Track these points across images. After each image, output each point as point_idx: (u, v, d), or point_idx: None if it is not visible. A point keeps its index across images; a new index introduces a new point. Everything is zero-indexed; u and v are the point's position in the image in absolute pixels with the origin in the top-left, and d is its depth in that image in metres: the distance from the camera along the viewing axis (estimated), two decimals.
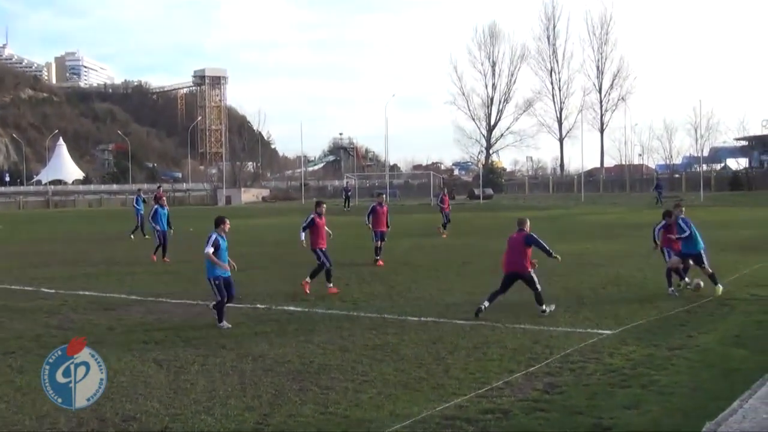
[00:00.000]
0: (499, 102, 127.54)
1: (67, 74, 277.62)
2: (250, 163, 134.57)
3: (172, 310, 16.38)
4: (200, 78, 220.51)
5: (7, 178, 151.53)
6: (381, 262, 23.61)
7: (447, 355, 11.75)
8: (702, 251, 17.10)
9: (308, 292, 17.85)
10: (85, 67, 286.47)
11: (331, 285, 18.20)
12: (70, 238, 38.94)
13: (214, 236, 14.51)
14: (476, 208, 68.37)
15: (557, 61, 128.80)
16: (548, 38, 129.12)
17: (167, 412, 9.14)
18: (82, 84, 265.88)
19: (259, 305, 16.62)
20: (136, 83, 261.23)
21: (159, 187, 45.31)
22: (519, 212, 50.89)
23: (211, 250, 14.33)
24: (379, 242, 24.57)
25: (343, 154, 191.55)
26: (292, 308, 16.18)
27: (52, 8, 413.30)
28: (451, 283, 19.54)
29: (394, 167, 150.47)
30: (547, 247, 15.27)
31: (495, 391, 9.68)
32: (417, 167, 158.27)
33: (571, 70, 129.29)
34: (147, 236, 34.98)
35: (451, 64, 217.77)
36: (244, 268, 23.63)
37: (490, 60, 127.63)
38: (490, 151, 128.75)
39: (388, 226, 25.01)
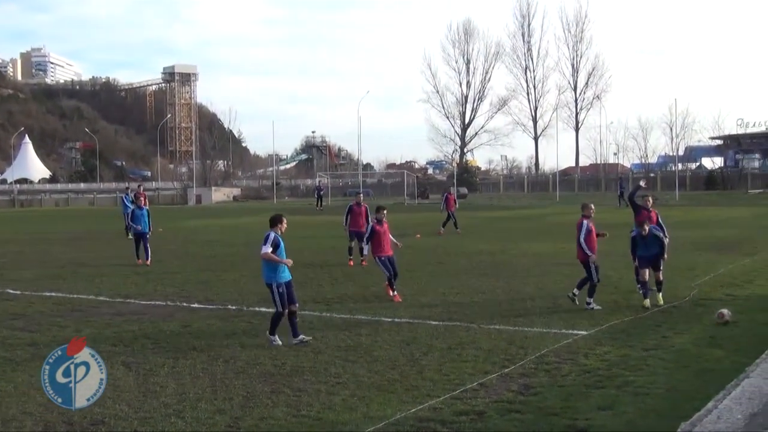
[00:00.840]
0: (474, 100, 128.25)
1: (33, 70, 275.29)
2: (221, 161, 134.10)
3: (142, 312, 16.27)
4: (170, 75, 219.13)
5: None
6: (365, 262, 23.40)
7: (421, 357, 11.77)
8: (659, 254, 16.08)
9: (400, 300, 17.05)
10: (52, 63, 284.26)
11: (395, 293, 17.31)
12: (37, 238, 38.60)
13: (272, 235, 13.16)
14: None
15: (532, 59, 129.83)
16: (523, 36, 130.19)
17: (136, 415, 9.09)
18: (48, 80, 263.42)
19: (230, 306, 16.57)
20: (104, 80, 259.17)
21: (139, 186, 44.66)
22: (494, 212, 51.12)
23: (269, 249, 12.97)
24: (353, 243, 24.41)
25: (315, 153, 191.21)
26: (263, 309, 16.11)
27: (18, 3, 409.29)
28: (425, 283, 19.56)
29: (367, 166, 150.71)
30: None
31: (469, 393, 9.71)
32: (390, 166, 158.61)
33: (546, 68, 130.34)
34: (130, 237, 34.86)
35: (425, 61, 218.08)
36: (214, 268, 23.63)
37: (465, 58, 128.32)
38: (465, 150, 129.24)
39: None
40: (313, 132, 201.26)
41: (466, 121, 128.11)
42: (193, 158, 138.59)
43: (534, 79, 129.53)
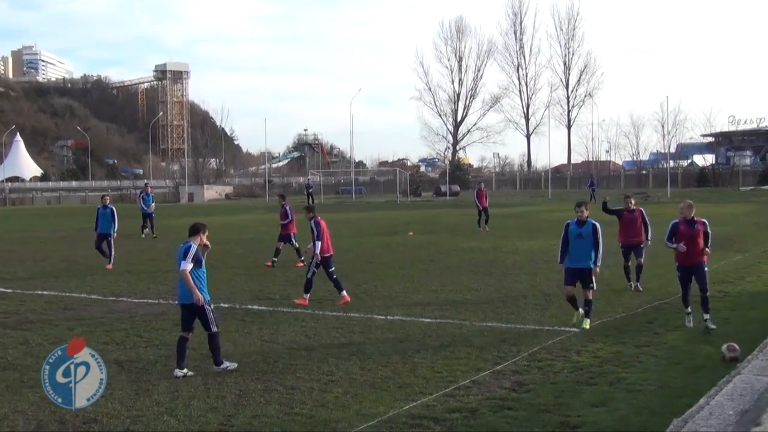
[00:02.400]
0: (466, 98, 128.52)
1: (25, 68, 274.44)
2: (213, 159, 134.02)
3: (134, 310, 16.25)
4: (161, 73, 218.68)
5: None
6: (300, 264, 22.67)
7: (413, 354, 11.78)
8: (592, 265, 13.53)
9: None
10: (43, 61, 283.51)
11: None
12: (28, 237, 38.48)
13: (193, 248, 11.07)
14: (443, 205, 68.50)
15: (524, 57, 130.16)
16: (515, 33, 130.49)
17: (129, 413, 9.07)
18: (40, 78, 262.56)
19: (222, 304, 16.51)
20: (95, 78, 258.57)
21: (146, 185, 44.13)
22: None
23: (189, 266, 10.88)
24: (282, 244, 23.94)
25: (308, 151, 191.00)
26: (256, 307, 16.13)
27: (8, 1, 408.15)
28: (418, 281, 19.57)
29: (359, 164, 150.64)
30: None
31: (462, 390, 9.72)
32: (383, 164, 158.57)
33: (538, 66, 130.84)
34: (155, 235, 35.01)
35: (417, 59, 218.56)
36: (206, 266, 23.57)
37: (457, 55, 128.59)
38: (457, 148, 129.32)
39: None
40: (305, 130, 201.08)
41: (459, 118, 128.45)
42: (185, 156, 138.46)
43: (526, 76, 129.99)
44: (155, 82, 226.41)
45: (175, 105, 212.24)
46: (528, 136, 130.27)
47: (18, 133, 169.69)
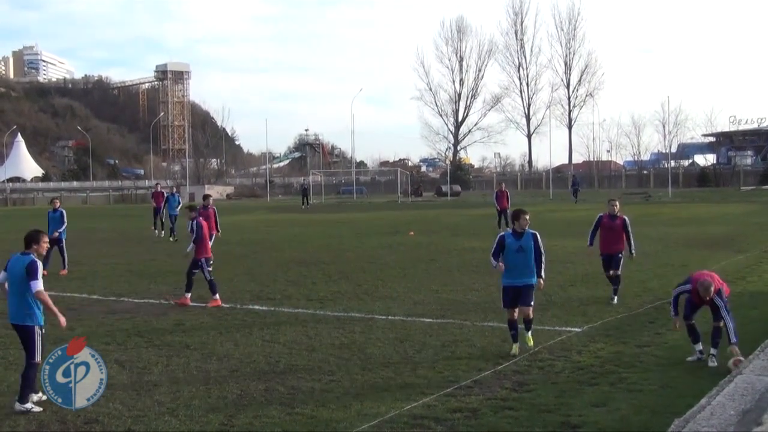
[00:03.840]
0: (467, 98, 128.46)
1: (25, 68, 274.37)
2: (214, 159, 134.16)
3: (135, 310, 16.25)
4: (162, 73, 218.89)
5: None
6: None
7: (415, 354, 11.78)
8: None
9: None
10: (44, 61, 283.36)
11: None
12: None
13: (37, 264, 9.68)
14: (444, 205, 68.53)
15: (525, 57, 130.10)
16: (516, 33, 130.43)
17: (130, 413, 9.07)
18: (40, 79, 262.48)
19: (223, 305, 16.54)
20: (96, 78, 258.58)
21: (157, 185, 43.29)
22: (487, 209, 51.10)
23: (41, 285, 9.56)
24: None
25: (309, 151, 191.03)
26: (257, 308, 16.13)
27: (8, 1, 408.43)
28: (419, 281, 19.56)
29: (360, 164, 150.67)
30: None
31: (463, 390, 9.72)
32: (384, 164, 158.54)
33: (539, 66, 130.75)
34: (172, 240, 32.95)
35: (417, 59, 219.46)
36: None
37: (458, 55, 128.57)
38: (458, 148, 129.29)
39: (218, 230, 23.26)
40: (306, 130, 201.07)
41: (460, 118, 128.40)
42: (186, 156, 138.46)
43: (527, 76, 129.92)
44: (156, 83, 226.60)
45: (176, 105, 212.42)
46: (529, 136, 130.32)
47: (19, 134, 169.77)
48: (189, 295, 16.84)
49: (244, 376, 10.69)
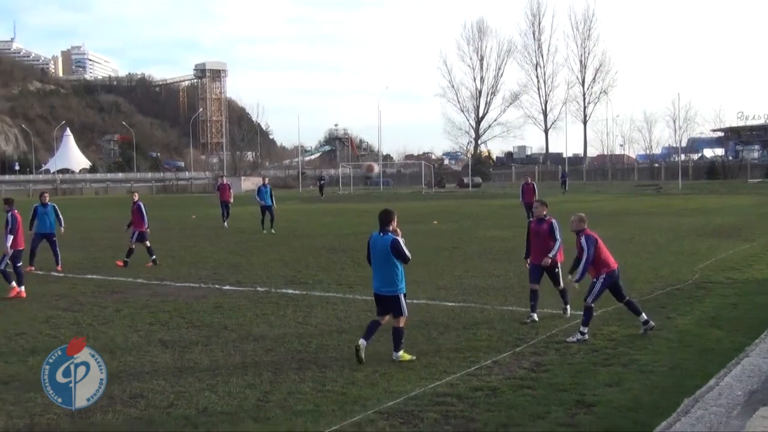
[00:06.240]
0: (487, 95, 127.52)
1: (73, 67, 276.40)
2: (250, 152, 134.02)
3: (176, 293, 16.36)
4: (201, 71, 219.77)
5: (17, 167, 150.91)
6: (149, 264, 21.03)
7: (438, 336, 11.80)
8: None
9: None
10: (91, 60, 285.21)
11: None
12: (78, 225, 38.81)
13: None
14: (465, 196, 68.35)
15: (542, 56, 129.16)
16: (534, 34, 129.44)
17: (173, 389, 9.16)
18: (87, 77, 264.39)
19: (259, 288, 16.63)
20: (139, 76, 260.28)
21: (222, 177, 42.07)
22: (506, 200, 50.93)
23: None
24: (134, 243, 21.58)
25: (338, 144, 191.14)
26: (290, 291, 16.19)
27: (57, 3, 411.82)
28: (442, 267, 19.56)
29: (387, 157, 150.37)
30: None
31: (484, 370, 9.73)
32: (409, 157, 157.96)
33: (556, 65, 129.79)
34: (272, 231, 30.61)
35: (440, 58, 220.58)
36: (244, 253, 23.73)
37: (478, 54, 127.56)
38: (479, 142, 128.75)
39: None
40: (335, 125, 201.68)
41: (480, 114, 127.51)
42: (223, 149, 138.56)
43: (544, 74, 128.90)
44: (195, 80, 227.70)
45: (213, 102, 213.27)
46: (546, 131, 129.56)
47: (68, 128, 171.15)
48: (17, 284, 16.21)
49: (278, 356, 10.75)
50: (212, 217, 37.76)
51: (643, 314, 11.69)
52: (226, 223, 33.62)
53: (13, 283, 16.27)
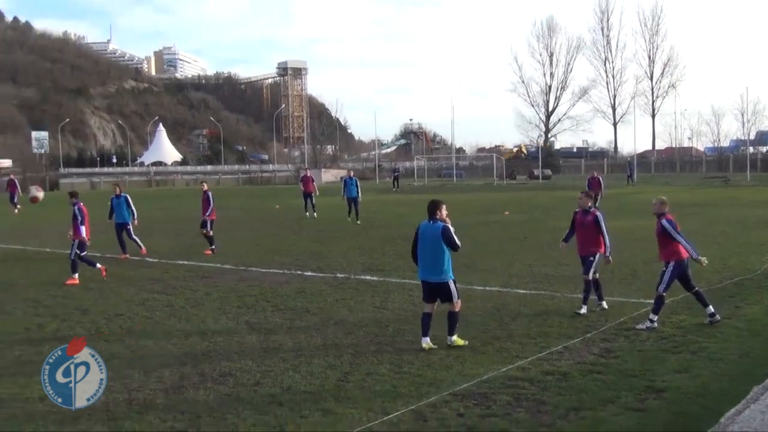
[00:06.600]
0: (557, 90, 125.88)
1: (165, 66, 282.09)
2: (329, 146, 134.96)
3: (262, 278, 16.59)
4: (283, 69, 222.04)
5: (114, 160, 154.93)
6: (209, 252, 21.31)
7: (510, 322, 11.72)
8: None
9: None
10: (181, 60, 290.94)
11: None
12: (171, 215, 39.68)
13: None
14: (536, 187, 67.62)
15: (611, 51, 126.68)
16: (602, 30, 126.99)
17: (259, 369, 9.31)
18: (178, 75, 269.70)
19: (339, 275, 16.75)
20: (226, 75, 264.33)
21: (306, 170, 41.38)
22: (575, 191, 50.23)
23: None
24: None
25: (413, 138, 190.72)
26: (368, 278, 16.26)
27: (150, 6, 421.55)
28: (513, 255, 19.40)
29: (459, 150, 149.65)
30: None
31: (555, 355, 9.64)
32: (481, 150, 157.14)
33: (624, 60, 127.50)
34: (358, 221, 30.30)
35: (511, 54, 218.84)
36: (325, 241, 23.93)
37: (548, 51, 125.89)
38: (548, 135, 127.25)
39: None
40: (410, 119, 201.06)
41: (550, 108, 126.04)
42: (304, 143, 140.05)
43: (613, 69, 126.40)
44: (278, 78, 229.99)
45: (295, 98, 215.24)
46: (615, 124, 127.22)
47: (160, 124, 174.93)
48: (75, 276, 16.56)
49: (357, 338, 10.82)
50: (295, 208, 38.14)
51: (711, 307, 11.35)
52: (308, 213, 33.81)
53: (75, 275, 16.55)
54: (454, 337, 10.19)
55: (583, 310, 12.11)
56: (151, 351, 10.39)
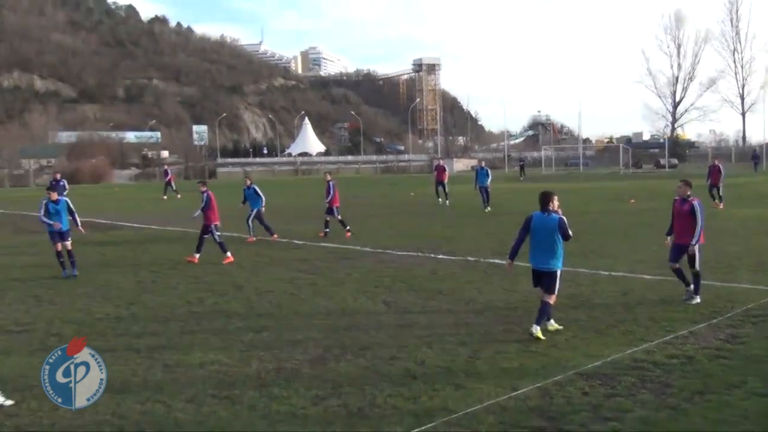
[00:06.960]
0: (684, 80, 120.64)
1: (310, 65, 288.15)
2: (461, 137, 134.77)
3: (398, 260, 16.73)
4: (418, 66, 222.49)
5: (265, 151, 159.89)
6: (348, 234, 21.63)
7: (635, 306, 11.37)
8: None
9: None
10: (325, 59, 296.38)
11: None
12: (316, 202, 40.54)
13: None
14: (661, 176, 65.17)
15: (740, 42, 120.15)
16: (731, 21, 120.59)
17: (395, 344, 9.42)
18: (322, 73, 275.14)
19: (469, 258, 16.69)
20: (365, 72, 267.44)
21: (441, 160, 40.50)
22: (702, 179, 48.07)
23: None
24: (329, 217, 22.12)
25: (540, 129, 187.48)
26: (497, 261, 16.12)
27: (297, 10, 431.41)
28: (639, 242, 18.78)
29: (586, 140, 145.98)
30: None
31: (680, 339, 9.29)
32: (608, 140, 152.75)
33: (754, 50, 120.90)
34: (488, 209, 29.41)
35: (638, 47, 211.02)
36: (457, 227, 23.90)
37: (676, 42, 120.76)
38: (675, 126, 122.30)
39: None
40: (538, 111, 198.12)
41: (677, 99, 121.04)
42: (437, 135, 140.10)
43: (742, 59, 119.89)
44: (413, 74, 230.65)
45: (429, 93, 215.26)
46: (743, 114, 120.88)
47: (306, 117, 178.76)
48: (197, 255, 17.23)
49: (486, 318, 10.78)
50: (428, 195, 38.25)
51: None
52: (440, 200, 33.65)
53: (196, 255, 17.28)
54: (539, 327, 9.61)
55: (697, 300, 11.45)
56: (297, 325, 10.69)
